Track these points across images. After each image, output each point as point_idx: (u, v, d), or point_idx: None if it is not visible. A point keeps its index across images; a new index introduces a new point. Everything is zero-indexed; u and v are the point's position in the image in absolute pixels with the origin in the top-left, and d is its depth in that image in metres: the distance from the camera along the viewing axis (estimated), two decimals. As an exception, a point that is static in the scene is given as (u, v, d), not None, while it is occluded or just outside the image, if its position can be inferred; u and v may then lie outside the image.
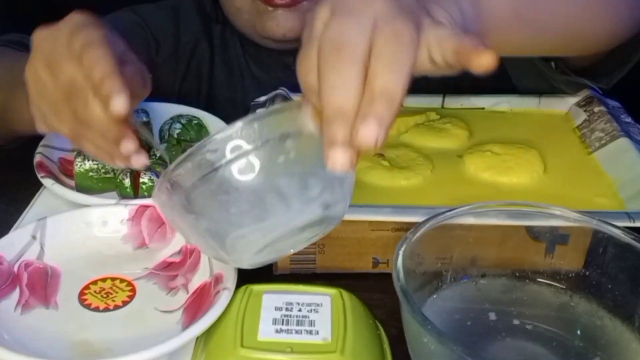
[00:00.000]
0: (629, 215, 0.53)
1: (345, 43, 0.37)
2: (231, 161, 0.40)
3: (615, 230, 0.47)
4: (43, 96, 0.54)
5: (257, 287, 0.50)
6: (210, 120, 0.76)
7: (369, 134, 0.36)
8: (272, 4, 0.76)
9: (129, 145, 0.52)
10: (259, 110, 0.41)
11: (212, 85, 0.90)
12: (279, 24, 0.77)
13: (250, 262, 0.47)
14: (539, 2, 0.55)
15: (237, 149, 0.40)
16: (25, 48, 0.75)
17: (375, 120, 0.36)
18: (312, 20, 0.41)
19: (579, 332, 0.47)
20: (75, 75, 0.51)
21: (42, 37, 0.55)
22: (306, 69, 0.40)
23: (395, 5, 0.39)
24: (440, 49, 0.39)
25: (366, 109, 0.36)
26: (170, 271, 0.56)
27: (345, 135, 0.36)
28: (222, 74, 0.90)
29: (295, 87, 0.42)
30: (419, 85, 0.76)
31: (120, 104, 0.49)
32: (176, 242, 0.58)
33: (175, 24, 0.89)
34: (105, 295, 0.54)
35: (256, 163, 0.40)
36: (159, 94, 0.78)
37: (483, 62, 0.37)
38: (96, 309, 0.52)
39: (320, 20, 0.40)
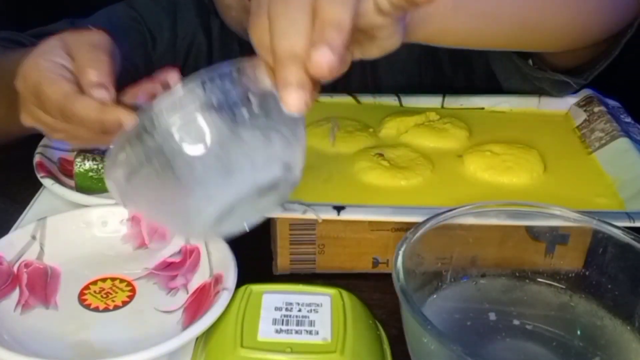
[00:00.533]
0: (629, 215, 0.53)
1: None
2: (195, 117, 0.40)
3: (615, 230, 0.47)
4: (58, 131, 0.55)
5: (257, 287, 0.50)
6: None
7: (322, 59, 0.37)
8: None
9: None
10: (220, 66, 0.41)
11: None
12: None
13: (212, 228, 0.46)
14: None
15: (201, 105, 0.40)
16: (16, 44, 0.74)
17: (327, 46, 0.37)
18: None
19: (579, 332, 0.47)
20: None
21: (22, 86, 0.54)
22: (259, 31, 0.41)
23: None
24: None
25: (317, 38, 0.37)
26: (170, 271, 0.56)
27: (299, 76, 0.37)
28: None
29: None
30: (417, 85, 0.76)
31: (129, 120, 0.49)
32: (176, 242, 0.58)
33: (172, 16, 0.87)
34: (105, 296, 0.54)
35: (221, 117, 0.40)
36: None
37: None
38: (96, 309, 0.52)
39: None
